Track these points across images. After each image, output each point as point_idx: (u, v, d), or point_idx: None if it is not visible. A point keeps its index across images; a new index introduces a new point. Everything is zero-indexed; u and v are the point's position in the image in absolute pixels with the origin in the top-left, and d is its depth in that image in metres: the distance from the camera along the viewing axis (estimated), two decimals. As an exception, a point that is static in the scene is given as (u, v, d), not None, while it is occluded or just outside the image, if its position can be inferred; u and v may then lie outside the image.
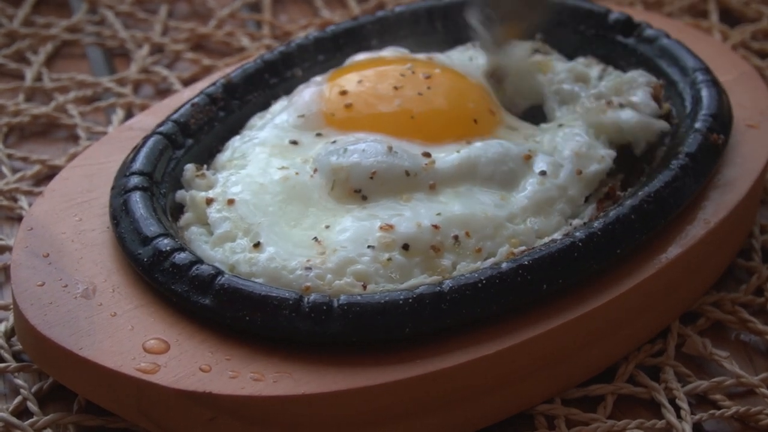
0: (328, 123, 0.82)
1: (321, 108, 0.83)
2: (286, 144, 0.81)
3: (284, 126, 0.83)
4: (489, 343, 0.70)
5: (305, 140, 0.81)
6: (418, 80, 0.84)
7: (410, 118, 0.82)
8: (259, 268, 0.72)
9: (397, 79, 0.84)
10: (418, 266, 0.73)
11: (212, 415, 0.67)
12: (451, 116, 0.83)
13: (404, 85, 0.83)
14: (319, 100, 0.84)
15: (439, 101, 0.83)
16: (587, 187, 0.80)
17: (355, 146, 0.78)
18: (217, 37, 1.07)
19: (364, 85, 0.84)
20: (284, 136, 0.82)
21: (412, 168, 0.78)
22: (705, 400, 0.75)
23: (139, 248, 0.73)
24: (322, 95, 0.84)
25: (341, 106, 0.83)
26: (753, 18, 1.10)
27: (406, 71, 0.85)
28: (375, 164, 0.77)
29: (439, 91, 0.84)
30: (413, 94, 0.83)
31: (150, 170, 0.78)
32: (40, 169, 0.91)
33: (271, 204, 0.76)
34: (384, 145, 0.78)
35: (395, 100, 0.83)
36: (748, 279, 0.84)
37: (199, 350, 0.69)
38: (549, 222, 0.77)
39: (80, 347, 0.68)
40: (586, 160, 0.81)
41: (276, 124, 0.83)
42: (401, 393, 0.68)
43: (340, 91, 0.84)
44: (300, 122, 0.83)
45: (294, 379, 0.67)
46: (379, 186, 0.77)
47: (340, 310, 0.69)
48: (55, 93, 0.99)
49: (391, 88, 0.83)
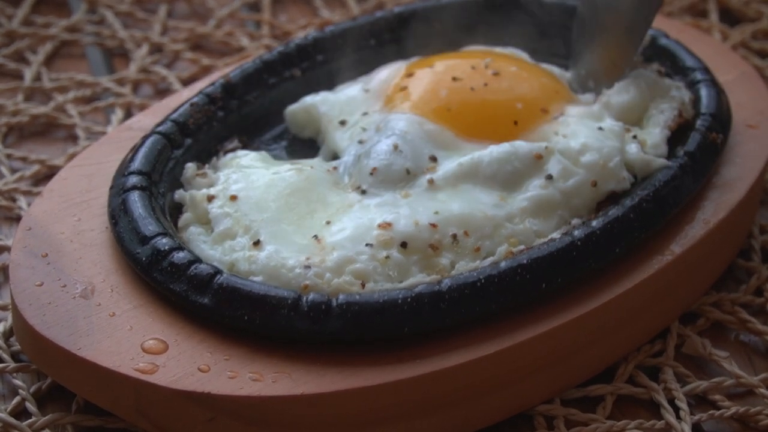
0: (381, 102, 0.84)
1: (384, 87, 0.85)
2: (336, 123, 0.84)
3: (349, 97, 0.85)
4: (488, 343, 0.70)
5: (351, 120, 0.84)
6: (484, 75, 0.84)
7: (447, 110, 0.82)
8: (259, 266, 0.72)
9: (464, 72, 0.84)
10: (417, 264, 0.73)
11: (211, 416, 0.67)
12: (486, 115, 0.83)
13: (465, 78, 0.84)
14: (388, 79, 0.86)
15: (481, 98, 0.83)
16: (595, 200, 0.79)
17: (367, 147, 0.79)
18: (217, 37, 1.07)
19: (431, 72, 0.85)
20: (342, 111, 0.84)
21: (414, 168, 0.78)
22: (704, 400, 0.75)
23: (138, 247, 0.73)
24: (394, 74, 0.86)
25: (398, 88, 0.85)
26: (753, 18, 1.10)
27: (480, 65, 0.85)
28: (376, 162, 0.78)
29: (492, 89, 0.83)
30: (466, 87, 0.83)
31: (149, 170, 0.78)
32: (39, 169, 0.91)
33: (274, 200, 0.76)
34: (390, 145, 0.79)
35: (443, 91, 0.83)
36: (748, 279, 0.84)
37: (198, 350, 0.69)
38: (548, 224, 0.77)
39: (79, 347, 0.68)
40: (608, 176, 0.79)
41: (346, 93, 0.86)
42: (400, 393, 0.68)
43: (408, 74, 0.85)
44: (362, 96, 0.85)
45: (293, 379, 0.67)
46: (378, 182, 0.78)
47: (339, 310, 0.69)
48: (55, 93, 0.99)
49: (450, 78, 0.84)
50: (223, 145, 0.84)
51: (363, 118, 0.83)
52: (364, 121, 0.83)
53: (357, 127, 0.83)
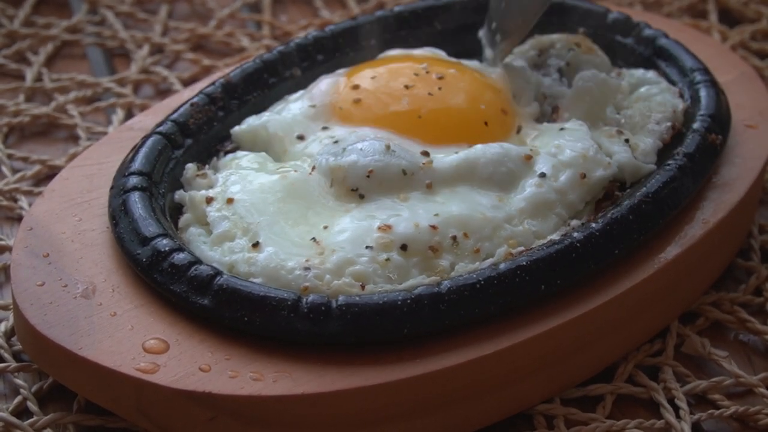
0: (336, 116, 0.83)
1: (332, 100, 0.84)
2: (293, 138, 0.82)
3: (296, 115, 0.84)
4: (488, 343, 0.70)
5: (311, 135, 0.82)
6: (431, 80, 0.84)
7: (417, 117, 0.82)
8: (258, 268, 0.72)
9: (410, 78, 0.84)
10: (417, 266, 0.73)
11: (212, 415, 0.67)
12: (460, 118, 0.83)
13: (416, 84, 0.84)
14: (332, 92, 0.85)
15: (448, 102, 0.83)
16: (589, 193, 0.79)
17: (354, 146, 0.78)
18: (217, 37, 1.07)
19: (377, 82, 0.84)
20: (293, 128, 0.83)
21: (410, 167, 0.78)
22: (704, 399, 0.76)
23: (138, 248, 0.73)
24: (336, 87, 0.85)
25: (350, 101, 0.83)
26: (752, 18, 1.10)
27: (421, 71, 0.85)
28: (372, 163, 0.77)
29: (450, 92, 0.84)
30: (423, 93, 0.83)
31: (149, 170, 0.78)
32: (40, 169, 0.91)
33: (271, 203, 0.76)
34: (382, 144, 0.78)
35: (403, 99, 0.83)
36: (747, 279, 0.84)
37: (199, 350, 0.69)
38: (546, 225, 0.77)
39: (80, 347, 0.68)
40: (592, 164, 0.79)
41: (290, 109, 0.84)
42: (400, 393, 0.68)
43: (353, 86, 0.84)
44: (311, 112, 0.84)
45: (293, 379, 0.67)
46: (375, 185, 0.77)
47: (339, 311, 0.69)
48: (56, 93, 0.99)
49: (402, 86, 0.84)
50: (224, 146, 0.84)
51: (325, 132, 0.82)
52: (329, 134, 0.82)
53: (323, 139, 0.81)
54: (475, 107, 0.83)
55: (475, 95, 0.84)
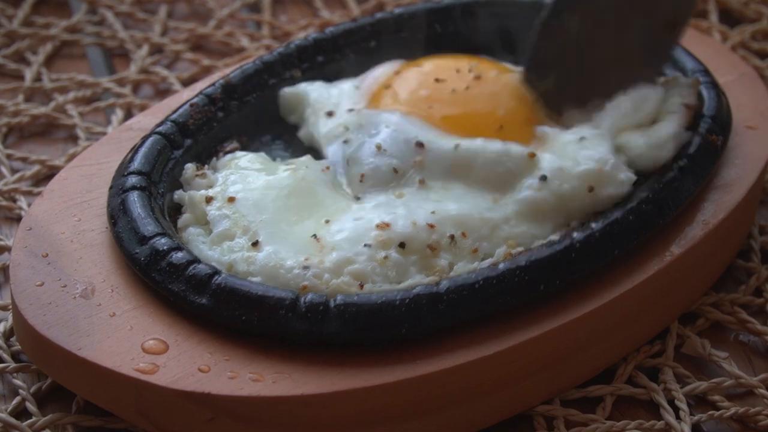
0: (367, 98, 0.85)
1: (373, 85, 0.86)
2: (323, 113, 0.84)
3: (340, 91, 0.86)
4: (488, 344, 0.70)
5: (338, 113, 0.84)
6: (465, 79, 0.84)
7: (428, 108, 0.82)
8: (257, 267, 0.72)
9: (448, 75, 0.85)
10: (415, 265, 0.73)
11: (211, 416, 0.67)
12: (470, 117, 0.83)
13: (447, 80, 0.84)
14: (378, 78, 0.87)
15: (464, 100, 0.83)
16: (593, 206, 0.77)
17: (353, 148, 0.80)
18: (217, 37, 1.07)
19: (413, 73, 0.86)
20: (329, 102, 0.85)
21: (401, 166, 0.78)
22: (704, 400, 0.76)
23: (137, 248, 0.73)
24: (384, 74, 0.87)
25: (384, 85, 0.85)
26: (753, 18, 1.10)
27: (464, 68, 0.85)
28: (363, 168, 0.78)
29: (473, 93, 0.83)
30: (446, 90, 0.83)
31: (148, 170, 0.78)
32: (39, 169, 0.91)
33: (273, 201, 0.76)
34: (373, 145, 0.79)
35: (424, 91, 0.83)
36: (747, 280, 0.84)
37: (198, 351, 0.69)
38: (543, 230, 0.76)
39: (79, 347, 0.68)
40: (606, 179, 0.77)
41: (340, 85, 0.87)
42: (400, 394, 0.68)
43: (396, 72, 0.86)
44: (352, 92, 0.86)
45: (293, 380, 0.67)
46: (369, 186, 0.78)
47: (337, 310, 0.69)
48: (55, 93, 0.99)
49: (432, 79, 0.84)
50: (223, 146, 0.84)
51: (347, 115, 0.84)
52: (348, 119, 0.83)
53: (340, 124, 0.83)
54: (492, 110, 0.83)
55: (498, 101, 0.83)
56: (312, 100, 0.86)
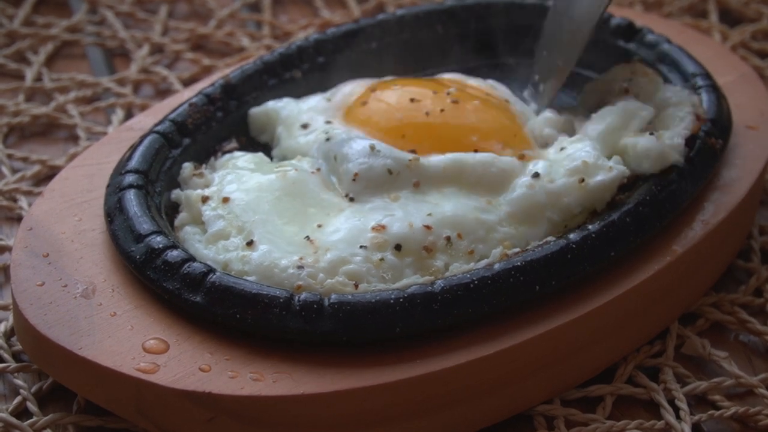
0: (342, 113, 0.84)
1: (346, 99, 0.85)
2: (298, 126, 0.83)
3: (311, 106, 0.85)
4: (489, 344, 0.70)
5: (314, 125, 0.83)
6: (441, 102, 0.83)
7: (401, 137, 0.81)
8: (252, 266, 0.72)
9: (424, 96, 0.84)
10: (411, 266, 0.73)
11: (211, 415, 0.67)
12: (444, 141, 0.81)
13: (422, 101, 0.83)
14: (350, 93, 0.86)
15: (438, 124, 0.82)
16: (587, 198, 0.77)
17: (341, 150, 0.79)
18: (217, 37, 1.07)
19: (390, 92, 0.85)
20: (302, 116, 0.84)
21: (395, 166, 0.78)
22: (704, 400, 0.76)
23: (132, 246, 0.73)
24: (356, 90, 0.86)
25: (359, 102, 0.84)
26: (753, 18, 1.10)
27: (442, 91, 0.84)
28: (356, 166, 0.78)
29: (448, 117, 0.82)
30: (421, 113, 0.83)
31: (145, 169, 0.78)
32: (40, 169, 0.91)
33: (267, 202, 0.76)
34: (367, 145, 0.79)
35: (399, 113, 0.83)
36: (747, 280, 0.84)
37: (199, 350, 0.69)
38: (538, 231, 0.76)
39: (80, 347, 0.68)
40: (593, 169, 0.78)
41: (308, 100, 0.86)
42: (400, 393, 0.68)
43: (370, 88, 0.85)
44: (324, 105, 0.85)
45: (293, 380, 0.67)
46: (362, 187, 0.77)
47: (331, 309, 0.69)
48: (55, 93, 0.99)
49: (407, 100, 0.83)
50: (222, 146, 0.84)
51: (327, 126, 0.83)
52: (327, 128, 0.82)
53: (321, 132, 0.82)
54: (465, 135, 0.82)
55: (473, 125, 0.82)
56: (283, 117, 0.85)
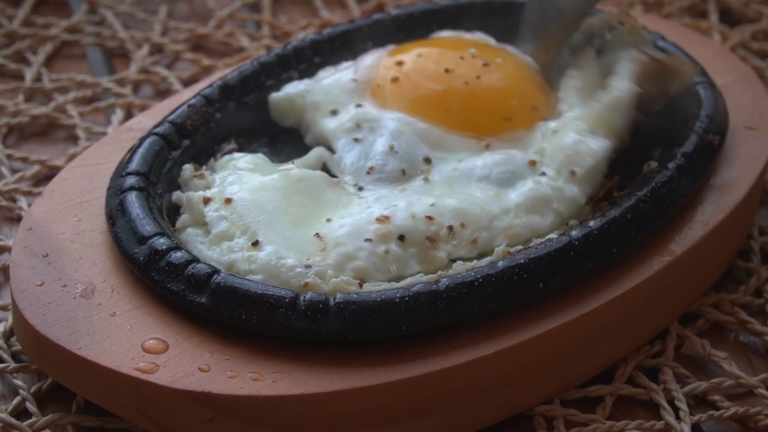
0: (373, 94, 0.84)
1: (373, 75, 0.85)
2: (326, 112, 0.84)
3: (336, 86, 0.85)
4: (488, 344, 0.70)
5: (343, 110, 0.84)
6: (475, 65, 0.84)
7: (444, 110, 0.82)
8: (259, 265, 0.72)
9: (455, 62, 0.85)
10: (414, 257, 0.74)
11: (211, 415, 0.67)
12: (485, 114, 0.83)
13: (456, 70, 0.84)
14: (375, 66, 0.86)
15: (479, 95, 0.84)
16: (587, 185, 0.80)
17: (364, 148, 0.80)
18: (217, 37, 1.07)
19: (420, 61, 0.85)
20: (329, 100, 0.84)
21: (409, 169, 0.79)
22: (704, 401, 0.76)
23: (135, 247, 0.73)
24: (380, 62, 0.86)
25: (389, 78, 0.85)
26: (753, 18, 1.10)
27: (468, 54, 0.85)
28: (372, 162, 0.79)
29: (487, 83, 0.84)
30: (459, 83, 0.83)
31: (146, 170, 0.78)
32: (39, 169, 0.91)
33: (271, 201, 0.76)
34: (387, 146, 0.80)
35: (438, 86, 0.83)
36: (747, 280, 0.84)
37: (198, 350, 0.69)
38: (544, 221, 0.77)
39: (79, 347, 0.68)
40: (577, 158, 0.80)
41: (333, 79, 0.86)
42: (400, 393, 0.68)
43: (396, 62, 0.86)
44: (351, 86, 0.85)
45: (293, 379, 0.67)
46: (374, 179, 0.78)
47: (337, 308, 0.69)
48: (55, 93, 0.99)
49: (443, 70, 0.84)
50: (221, 147, 0.84)
51: (357, 110, 0.83)
52: (358, 115, 0.83)
53: (350, 120, 0.83)
54: (506, 103, 0.84)
55: (511, 90, 0.85)
56: (308, 102, 0.85)
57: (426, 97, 0.83)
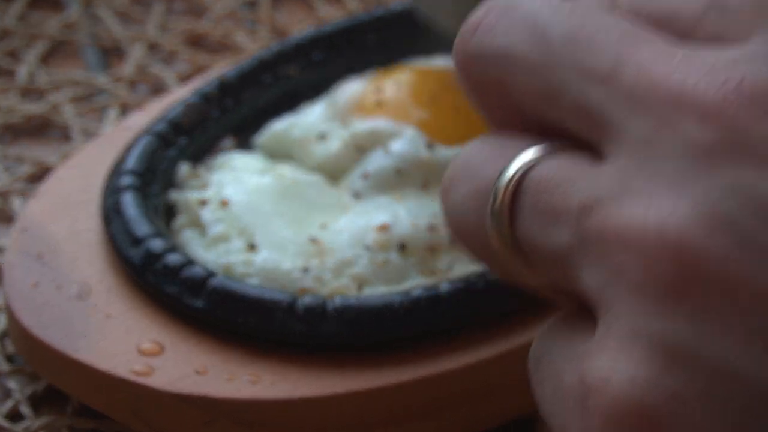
0: (356, 113, 0.82)
1: (354, 102, 0.83)
2: (314, 138, 0.81)
3: (317, 116, 0.83)
4: (490, 347, 0.69)
5: (331, 133, 0.81)
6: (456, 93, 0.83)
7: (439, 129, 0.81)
8: (255, 269, 0.72)
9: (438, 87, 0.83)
10: (415, 267, 0.73)
11: (208, 418, 0.66)
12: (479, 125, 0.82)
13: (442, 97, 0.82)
14: (354, 95, 0.84)
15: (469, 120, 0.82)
16: None
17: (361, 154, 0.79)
18: (214, 35, 1.07)
19: (403, 88, 0.84)
20: (314, 128, 0.82)
21: (405, 167, 0.78)
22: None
23: (131, 249, 0.72)
24: (359, 91, 0.84)
25: (373, 102, 0.83)
26: (753, 17, 1.10)
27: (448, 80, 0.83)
28: (369, 167, 0.78)
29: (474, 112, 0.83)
30: (449, 106, 0.82)
31: (142, 170, 0.77)
32: (33, 169, 0.90)
33: (267, 204, 0.76)
34: (383, 149, 0.78)
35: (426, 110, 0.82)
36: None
37: (195, 353, 0.68)
38: None
39: (74, 349, 0.68)
40: None
41: (311, 112, 0.83)
42: (399, 396, 0.68)
43: (377, 88, 0.84)
44: (331, 112, 0.83)
45: (291, 382, 0.67)
46: (369, 186, 0.77)
47: (335, 312, 0.68)
48: (49, 92, 0.99)
49: (428, 97, 0.82)
50: (218, 145, 0.83)
51: (344, 129, 0.81)
52: (345, 129, 0.81)
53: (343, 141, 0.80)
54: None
55: None
56: (294, 138, 0.82)
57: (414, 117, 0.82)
